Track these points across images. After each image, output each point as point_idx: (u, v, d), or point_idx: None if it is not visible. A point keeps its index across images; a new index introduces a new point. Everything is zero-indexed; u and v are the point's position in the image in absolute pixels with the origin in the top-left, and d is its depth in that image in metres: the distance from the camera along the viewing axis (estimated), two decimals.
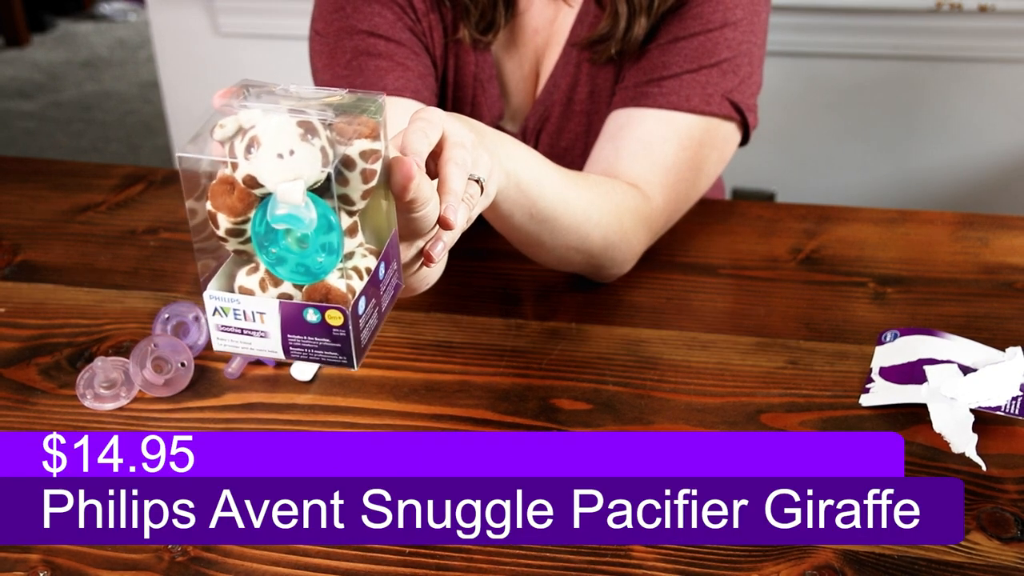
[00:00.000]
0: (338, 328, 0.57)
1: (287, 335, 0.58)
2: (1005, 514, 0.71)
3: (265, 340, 0.58)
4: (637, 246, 0.94)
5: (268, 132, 0.54)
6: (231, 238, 0.57)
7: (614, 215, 0.89)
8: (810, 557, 0.68)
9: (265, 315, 0.58)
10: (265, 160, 0.54)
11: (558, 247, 0.87)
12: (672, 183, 0.95)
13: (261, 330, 0.58)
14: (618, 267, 0.94)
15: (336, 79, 0.95)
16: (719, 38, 0.94)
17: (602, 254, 0.90)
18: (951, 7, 1.72)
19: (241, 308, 0.58)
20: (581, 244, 0.88)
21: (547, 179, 0.82)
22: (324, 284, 0.57)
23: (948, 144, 1.86)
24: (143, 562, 0.69)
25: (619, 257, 0.93)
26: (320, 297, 0.57)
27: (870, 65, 1.81)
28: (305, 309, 0.57)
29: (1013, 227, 1.05)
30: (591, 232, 0.87)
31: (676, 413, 0.81)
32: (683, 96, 0.94)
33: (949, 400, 0.78)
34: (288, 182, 0.54)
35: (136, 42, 4.04)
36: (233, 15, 2.00)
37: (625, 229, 0.91)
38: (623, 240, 0.91)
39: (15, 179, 1.18)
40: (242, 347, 0.59)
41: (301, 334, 0.58)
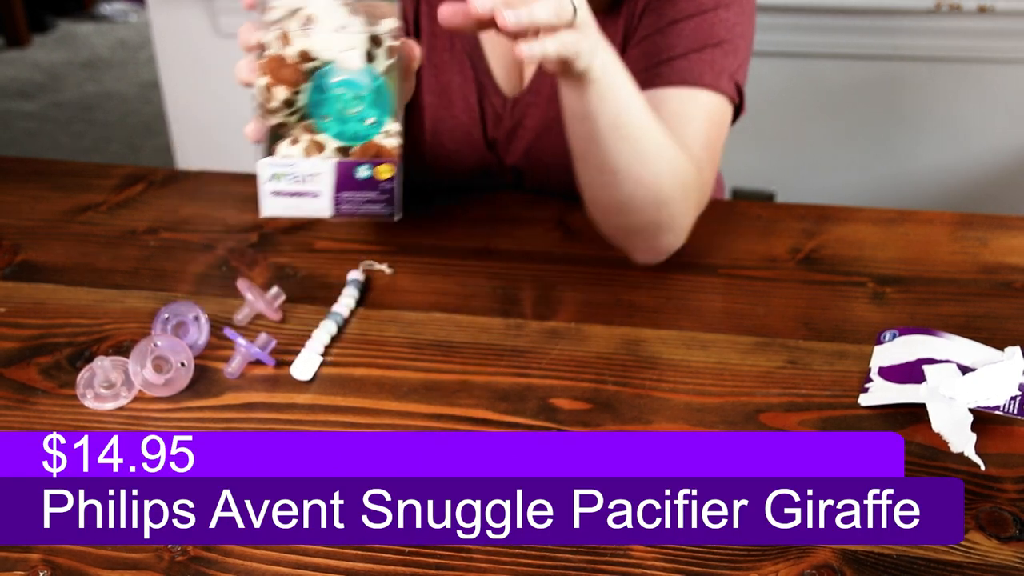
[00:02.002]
0: (385, 182, 0.66)
1: (339, 193, 0.65)
2: (1004, 513, 0.71)
3: (315, 200, 0.66)
4: (691, 212, 0.94)
5: (321, 10, 0.63)
6: (284, 108, 0.65)
7: (680, 164, 0.89)
8: (809, 556, 0.68)
9: (320, 175, 0.65)
10: (325, 33, 0.62)
11: (632, 178, 0.87)
12: (710, 158, 0.96)
13: (313, 191, 0.66)
14: (674, 233, 0.93)
15: None
16: (714, 19, 0.97)
17: (667, 204, 0.90)
18: (950, 8, 1.72)
19: (297, 171, 0.65)
20: (653, 180, 0.87)
21: (637, 95, 0.84)
22: (373, 143, 0.65)
23: (947, 144, 1.87)
24: (143, 562, 0.69)
25: (678, 217, 0.92)
26: (373, 154, 0.65)
27: (869, 65, 1.81)
28: (358, 166, 0.65)
29: (1012, 227, 1.05)
30: (664, 169, 0.87)
31: (675, 413, 0.81)
32: (696, 73, 0.96)
33: (948, 400, 0.78)
34: (347, 51, 0.63)
35: (137, 42, 4.04)
36: (234, 15, 2.00)
37: (686, 185, 0.90)
38: (684, 197, 0.91)
39: (16, 179, 1.18)
40: (292, 210, 0.66)
41: (351, 190, 0.65)
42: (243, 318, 0.91)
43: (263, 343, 0.86)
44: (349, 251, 1.02)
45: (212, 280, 0.99)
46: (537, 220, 1.07)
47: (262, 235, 1.06)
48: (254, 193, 1.13)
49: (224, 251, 1.03)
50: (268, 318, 0.92)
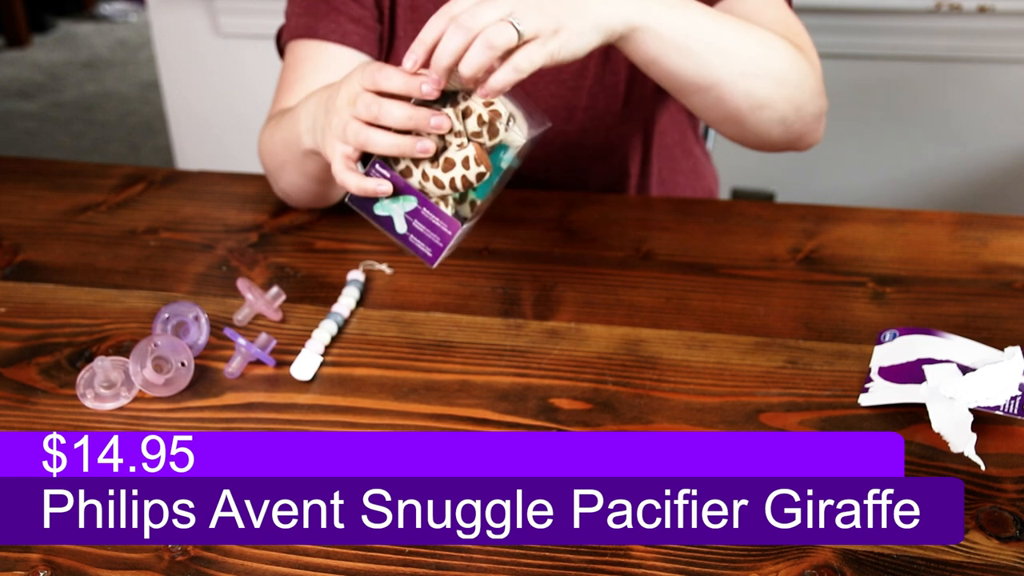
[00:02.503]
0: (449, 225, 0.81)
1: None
2: (1004, 513, 0.71)
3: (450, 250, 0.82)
4: (813, 76, 0.93)
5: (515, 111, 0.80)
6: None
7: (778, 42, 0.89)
8: (809, 557, 0.68)
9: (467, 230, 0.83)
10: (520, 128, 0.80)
11: (737, 78, 0.86)
12: (804, 36, 0.95)
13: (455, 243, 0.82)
14: (811, 103, 0.93)
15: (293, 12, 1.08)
16: None
17: (788, 80, 0.89)
18: (950, 8, 1.72)
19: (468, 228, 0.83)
20: (761, 66, 0.87)
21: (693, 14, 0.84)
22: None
23: (947, 144, 1.87)
24: (143, 562, 0.69)
25: (804, 86, 0.91)
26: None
27: (869, 65, 1.81)
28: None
29: (1012, 227, 1.05)
30: (764, 52, 0.87)
31: (675, 413, 0.81)
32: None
33: (948, 400, 0.78)
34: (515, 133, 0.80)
35: (137, 43, 4.04)
36: (233, 16, 2.00)
37: (792, 57, 0.89)
38: (798, 68, 0.90)
39: (16, 179, 1.18)
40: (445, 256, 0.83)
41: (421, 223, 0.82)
42: (243, 318, 0.91)
43: (263, 343, 0.86)
44: (349, 251, 1.02)
45: (212, 280, 0.99)
46: (537, 220, 1.07)
47: (262, 235, 1.06)
48: (254, 193, 1.13)
49: (224, 251, 1.03)
50: (268, 318, 0.92)
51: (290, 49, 1.08)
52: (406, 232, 0.82)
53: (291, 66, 1.07)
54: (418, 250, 0.82)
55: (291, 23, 1.08)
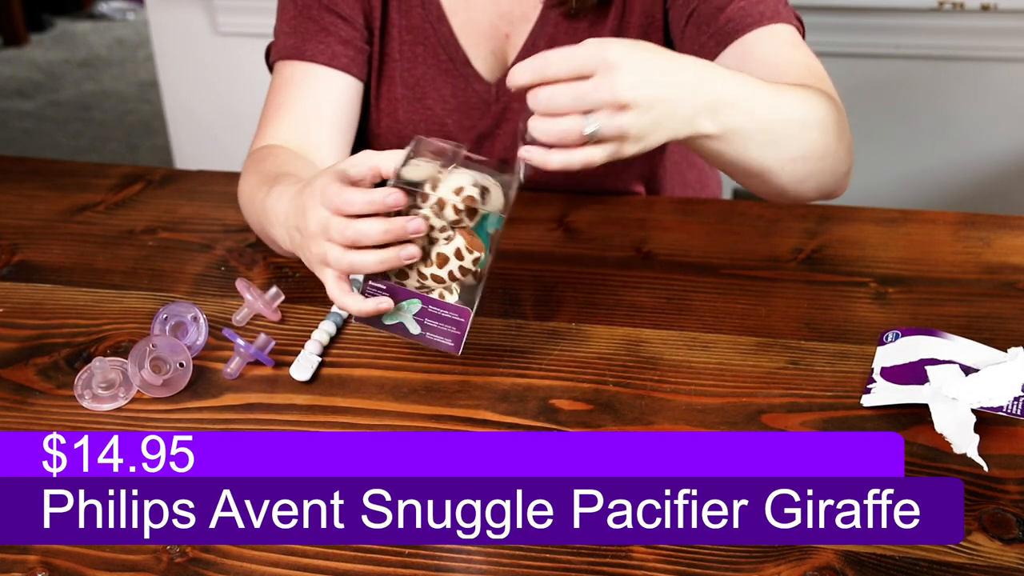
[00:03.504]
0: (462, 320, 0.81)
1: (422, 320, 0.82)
2: (1007, 515, 0.71)
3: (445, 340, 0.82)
4: (846, 134, 0.93)
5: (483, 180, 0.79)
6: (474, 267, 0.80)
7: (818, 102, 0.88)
8: (811, 558, 0.68)
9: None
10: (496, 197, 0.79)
11: (785, 164, 0.86)
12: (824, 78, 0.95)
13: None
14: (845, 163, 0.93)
15: (281, 31, 1.08)
16: None
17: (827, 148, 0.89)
18: (953, 6, 1.72)
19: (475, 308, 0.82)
20: (806, 151, 0.86)
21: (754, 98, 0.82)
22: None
23: (950, 144, 1.86)
24: (142, 563, 0.68)
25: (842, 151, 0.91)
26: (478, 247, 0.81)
27: (872, 64, 1.81)
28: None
29: (1015, 227, 1.04)
30: (808, 135, 0.86)
31: (676, 413, 0.80)
32: (756, 14, 0.97)
33: (951, 400, 0.78)
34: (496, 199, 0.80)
35: (135, 41, 4.04)
36: (232, 14, 2.00)
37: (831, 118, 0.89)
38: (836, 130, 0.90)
39: (13, 179, 1.18)
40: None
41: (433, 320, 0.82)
42: (242, 318, 0.91)
43: (262, 344, 0.85)
44: None
45: (211, 280, 0.98)
46: (537, 220, 1.07)
47: None
48: None
49: (223, 251, 1.03)
50: (267, 318, 0.92)
51: (278, 70, 1.07)
52: (421, 332, 0.81)
53: (278, 88, 1.06)
54: (439, 344, 0.81)
55: (279, 43, 1.07)
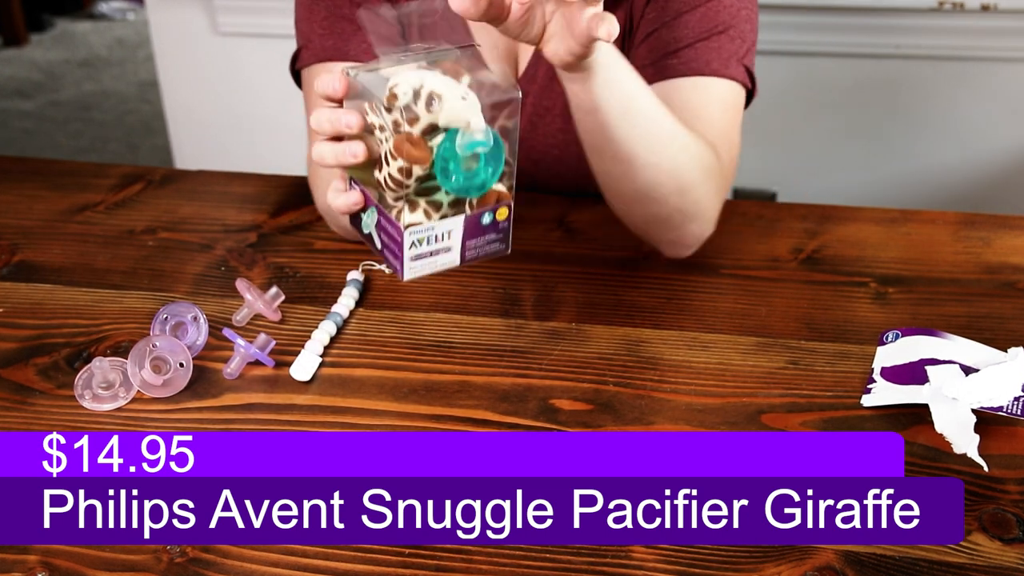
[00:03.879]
0: (504, 221, 0.73)
1: (466, 242, 0.73)
2: (1007, 515, 0.71)
3: (448, 254, 0.73)
4: (716, 197, 0.93)
5: (440, 86, 0.68)
6: (416, 183, 0.70)
7: (698, 149, 0.89)
8: (811, 558, 0.68)
9: (452, 231, 0.72)
10: (453, 105, 0.68)
11: (649, 165, 0.86)
12: (728, 144, 0.95)
13: (446, 246, 0.72)
14: (700, 221, 0.93)
15: (313, 34, 1.03)
16: (718, 6, 0.97)
17: (689, 190, 0.89)
18: (953, 6, 1.72)
19: (435, 231, 0.72)
20: (672, 167, 0.87)
21: (642, 83, 0.84)
22: (493, 191, 0.72)
23: (950, 144, 1.86)
24: (141, 563, 0.68)
25: (703, 203, 0.91)
26: (492, 202, 0.72)
27: (871, 64, 1.81)
28: (482, 215, 0.72)
29: (1015, 227, 1.04)
30: (680, 155, 0.87)
31: (676, 413, 0.80)
32: (703, 62, 0.96)
33: (951, 400, 0.78)
34: (475, 116, 0.68)
35: (135, 41, 4.04)
36: (232, 14, 2.00)
37: (707, 169, 0.90)
38: (707, 182, 0.90)
39: (13, 179, 1.18)
40: (428, 268, 0.73)
41: (476, 237, 0.73)
42: (242, 318, 0.91)
43: (262, 344, 0.85)
44: (349, 251, 1.01)
45: (211, 280, 0.98)
46: (537, 220, 1.07)
47: (261, 235, 1.05)
48: (253, 193, 1.13)
49: (223, 251, 1.03)
50: (267, 318, 0.92)
51: (315, 72, 1.04)
52: (380, 248, 0.76)
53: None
54: (390, 264, 0.75)
55: (315, 45, 1.03)
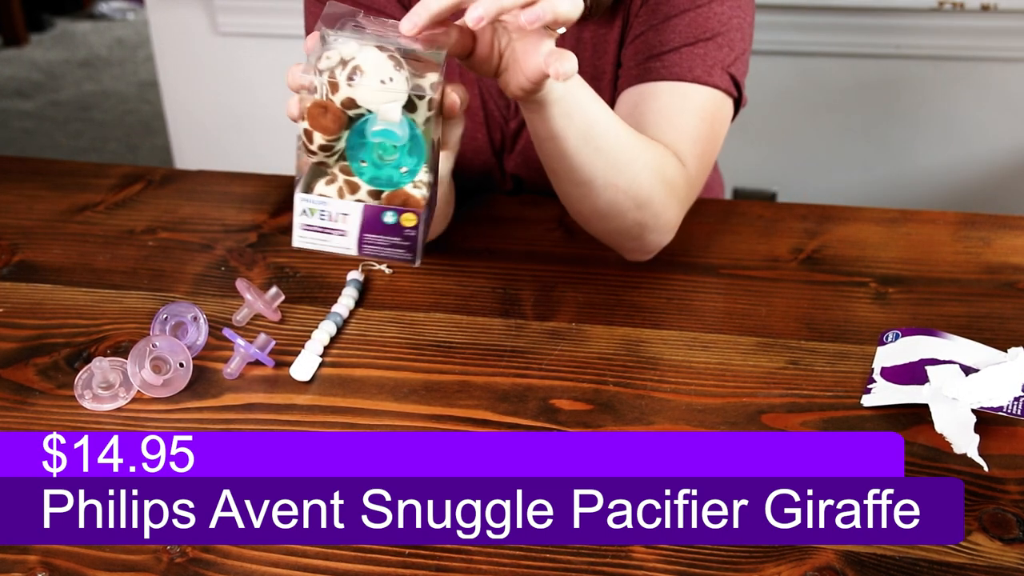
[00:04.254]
0: (409, 229, 0.69)
1: (364, 234, 0.69)
2: (1007, 515, 0.71)
3: (343, 238, 0.69)
4: (677, 207, 0.93)
5: (368, 63, 0.65)
6: (320, 152, 0.67)
7: (659, 163, 0.89)
8: (811, 558, 0.68)
9: (348, 216, 0.68)
10: (369, 85, 0.65)
11: (608, 186, 0.86)
12: (699, 153, 0.95)
13: (341, 229, 0.69)
14: (659, 232, 0.93)
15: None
16: (708, 13, 0.97)
17: (648, 204, 0.89)
18: (953, 6, 1.72)
19: (328, 209, 0.68)
20: (630, 185, 0.87)
21: (600, 105, 0.84)
22: (403, 191, 0.68)
23: (950, 144, 1.86)
24: (142, 563, 0.68)
25: (662, 216, 0.91)
26: (400, 202, 0.68)
27: (871, 64, 1.81)
28: (384, 212, 0.68)
29: (1015, 227, 1.04)
30: (640, 172, 0.87)
31: (676, 413, 0.80)
32: (686, 68, 0.96)
33: (951, 400, 0.78)
34: (388, 104, 0.66)
35: (135, 41, 4.04)
36: (232, 14, 2.00)
37: (668, 181, 0.90)
38: (668, 195, 0.91)
39: (13, 179, 1.18)
40: (320, 244, 0.69)
41: (376, 233, 0.69)
42: (242, 318, 0.91)
43: (262, 344, 0.85)
44: None
45: (211, 280, 0.98)
46: (537, 220, 1.07)
47: (261, 235, 1.05)
48: (253, 193, 1.13)
49: (223, 251, 1.03)
50: (267, 318, 0.92)
51: None
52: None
53: None
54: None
55: None
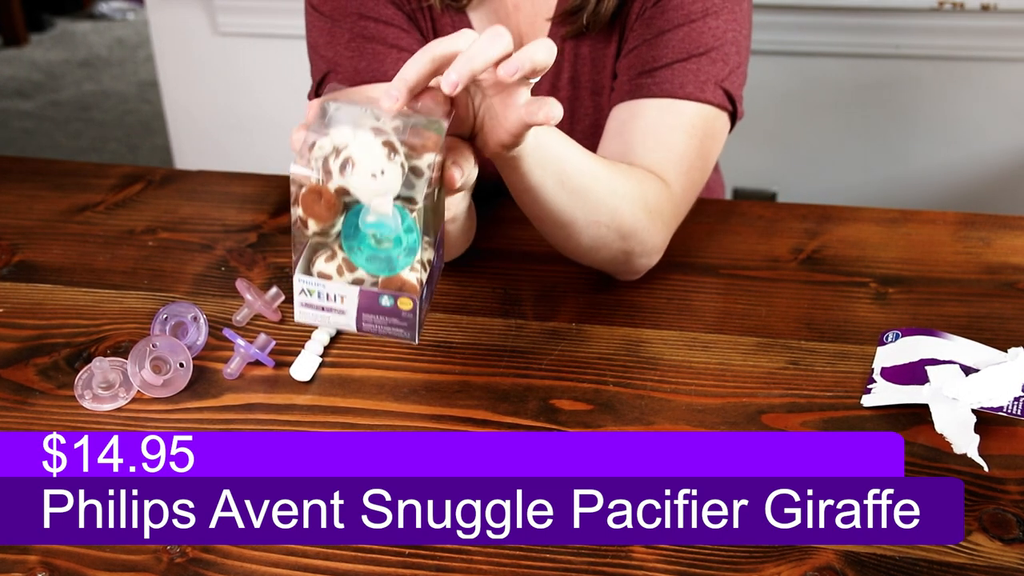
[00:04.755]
0: (407, 312, 0.69)
1: (362, 314, 0.70)
2: (1007, 515, 0.71)
3: (342, 316, 0.70)
4: (663, 231, 0.93)
5: (360, 153, 0.65)
6: (317, 236, 0.68)
7: (639, 192, 0.89)
8: (811, 558, 0.68)
9: (345, 298, 0.69)
10: (361, 178, 0.65)
11: (590, 224, 0.86)
12: (686, 171, 0.95)
13: (340, 309, 0.69)
14: (647, 256, 0.93)
15: (340, 57, 1.00)
16: (703, 27, 0.96)
17: (632, 235, 0.89)
18: (953, 6, 1.72)
19: (325, 291, 0.69)
20: (612, 219, 0.87)
21: (573, 147, 0.83)
22: (399, 277, 0.68)
23: (950, 144, 1.86)
24: (142, 563, 0.68)
25: (648, 242, 0.91)
26: (395, 287, 0.69)
27: (871, 65, 1.81)
28: (380, 296, 0.69)
29: (1015, 227, 1.04)
30: (620, 205, 0.87)
31: (676, 413, 0.80)
32: (677, 84, 0.95)
33: (951, 401, 0.78)
34: (380, 197, 0.66)
35: (135, 41, 4.04)
36: (232, 14, 2.00)
37: (651, 209, 0.90)
38: (651, 221, 0.90)
39: (13, 179, 1.18)
40: (321, 321, 0.70)
41: (374, 314, 0.70)
42: (242, 319, 0.91)
43: (262, 344, 0.85)
44: None
45: (211, 280, 0.98)
46: None
47: (261, 235, 1.05)
48: (253, 193, 1.13)
49: (223, 251, 1.03)
50: (267, 319, 0.92)
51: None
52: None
53: None
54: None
55: (344, 68, 1.00)
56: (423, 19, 1.03)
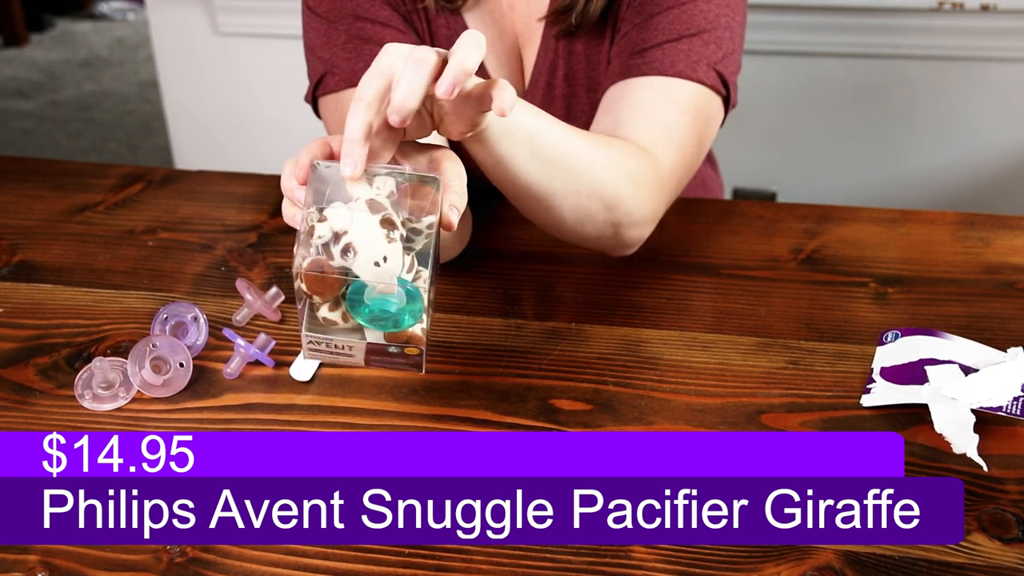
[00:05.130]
0: (415, 356, 0.72)
1: (370, 357, 0.72)
2: (1006, 515, 0.71)
3: (350, 359, 0.72)
4: (651, 200, 0.91)
5: (360, 238, 0.67)
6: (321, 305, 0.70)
7: (620, 160, 0.88)
8: (811, 558, 0.68)
9: (353, 347, 0.71)
10: (363, 265, 0.67)
11: (569, 194, 0.85)
12: (677, 144, 0.94)
13: (348, 354, 0.72)
14: (636, 227, 0.92)
15: (337, 59, 0.99)
16: (693, 10, 0.96)
17: (617, 204, 0.88)
18: (953, 6, 1.72)
19: (333, 341, 0.71)
20: (592, 189, 0.86)
21: (543, 116, 0.82)
22: (405, 332, 0.70)
23: (949, 144, 1.86)
24: (142, 563, 0.68)
25: (635, 212, 0.90)
26: (402, 340, 0.70)
27: (871, 65, 1.81)
28: (388, 346, 0.71)
29: (1015, 227, 1.04)
30: (600, 174, 0.86)
31: (676, 413, 0.80)
32: (668, 63, 0.95)
33: (950, 400, 0.78)
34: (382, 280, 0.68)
35: (135, 41, 4.04)
36: (232, 14, 2.00)
37: (634, 177, 0.89)
38: (636, 190, 0.89)
39: (13, 179, 1.18)
40: (329, 360, 0.74)
41: (381, 356, 0.72)
42: (242, 318, 0.91)
43: (262, 344, 0.85)
44: None
45: (211, 280, 0.98)
46: None
47: (261, 235, 1.05)
48: (253, 193, 1.13)
49: (223, 251, 1.03)
50: (267, 318, 0.92)
51: (345, 99, 1.00)
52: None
53: None
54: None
55: (341, 70, 0.99)
56: (419, 20, 1.03)
